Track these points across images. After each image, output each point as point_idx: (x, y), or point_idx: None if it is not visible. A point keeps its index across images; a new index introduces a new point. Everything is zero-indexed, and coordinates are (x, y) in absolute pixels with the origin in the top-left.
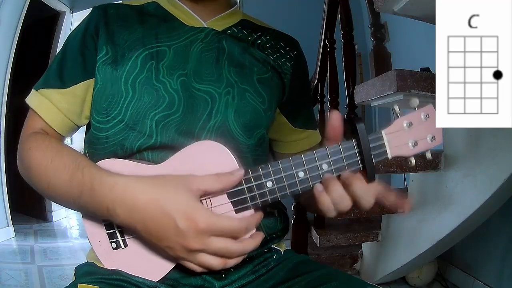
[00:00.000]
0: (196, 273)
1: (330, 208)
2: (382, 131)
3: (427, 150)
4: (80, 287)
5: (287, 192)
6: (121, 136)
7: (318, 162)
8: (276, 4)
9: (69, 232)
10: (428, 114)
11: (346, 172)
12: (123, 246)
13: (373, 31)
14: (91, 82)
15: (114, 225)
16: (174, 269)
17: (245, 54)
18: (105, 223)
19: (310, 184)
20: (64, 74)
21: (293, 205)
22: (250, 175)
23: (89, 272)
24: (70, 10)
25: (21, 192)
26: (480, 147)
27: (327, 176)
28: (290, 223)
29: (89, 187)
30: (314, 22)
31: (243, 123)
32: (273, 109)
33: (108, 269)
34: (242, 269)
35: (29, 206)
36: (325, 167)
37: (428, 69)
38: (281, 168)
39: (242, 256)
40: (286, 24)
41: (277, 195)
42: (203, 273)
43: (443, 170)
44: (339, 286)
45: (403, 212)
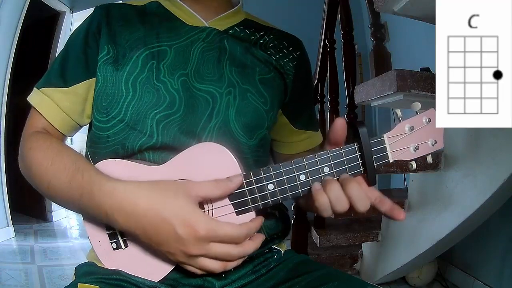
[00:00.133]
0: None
1: (326, 207)
2: (384, 135)
3: (428, 154)
4: (80, 286)
5: (288, 194)
6: (122, 135)
7: (320, 165)
8: (276, 4)
9: (69, 232)
10: (429, 118)
11: (347, 175)
12: (123, 247)
13: (373, 31)
14: (93, 81)
15: None
16: (174, 269)
17: (247, 54)
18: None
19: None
20: (66, 73)
21: (293, 205)
22: (252, 177)
23: (89, 272)
24: (70, 10)
25: (21, 192)
26: (480, 147)
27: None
28: (291, 223)
29: (88, 191)
30: (314, 22)
31: (244, 124)
32: (275, 110)
33: (108, 269)
34: (242, 269)
35: (29, 206)
36: (326, 170)
37: (428, 69)
38: (282, 171)
39: (243, 258)
40: (286, 24)
41: (278, 198)
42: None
43: (443, 170)
44: (339, 286)
45: (400, 219)
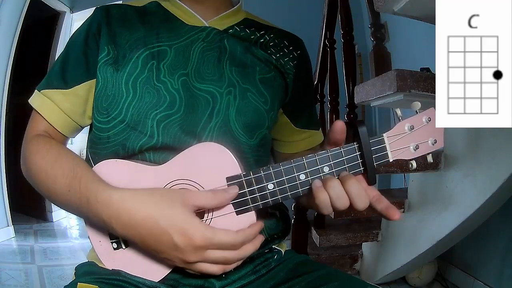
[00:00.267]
0: (196, 273)
1: (326, 204)
2: (384, 134)
3: (428, 153)
4: (80, 286)
5: (288, 194)
6: (123, 136)
7: (320, 165)
8: (276, 4)
9: (69, 232)
10: (429, 118)
11: (347, 172)
12: (123, 246)
13: (373, 31)
14: (93, 82)
15: None
16: (174, 270)
17: (247, 54)
18: None
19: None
20: (66, 75)
21: (293, 205)
22: (252, 177)
23: (89, 272)
24: (70, 10)
25: (21, 192)
26: (480, 147)
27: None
28: (291, 223)
29: (85, 200)
30: (314, 22)
31: (245, 123)
32: (275, 110)
33: (108, 269)
34: (242, 269)
35: (29, 206)
36: (326, 170)
37: (428, 69)
38: (282, 171)
39: (242, 260)
40: (286, 24)
41: (278, 197)
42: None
43: (443, 170)
44: (339, 286)
45: (394, 219)
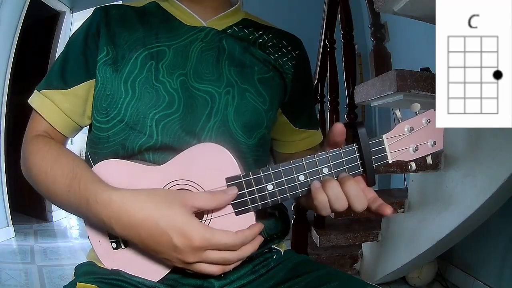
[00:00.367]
0: (195, 273)
1: (325, 205)
2: (383, 136)
3: (427, 155)
4: (79, 286)
5: (288, 195)
6: (122, 136)
7: (319, 166)
8: (276, 4)
9: (69, 232)
10: (429, 119)
11: (345, 173)
12: (123, 246)
13: (373, 31)
14: (92, 83)
15: None
16: (173, 269)
17: (245, 54)
18: None
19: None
20: (66, 75)
21: (293, 205)
22: (251, 177)
23: (88, 272)
24: (70, 10)
25: (21, 192)
26: (480, 147)
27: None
28: (291, 223)
29: (85, 200)
30: (314, 22)
31: (243, 123)
32: (274, 110)
33: (107, 269)
34: (241, 269)
35: (29, 206)
36: (325, 171)
37: (428, 69)
38: (281, 171)
39: (241, 260)
40: (286, 24)
41: (278, 198)
42: None
43: (443, 170)
44: (339, 286)
45: (386, 214)
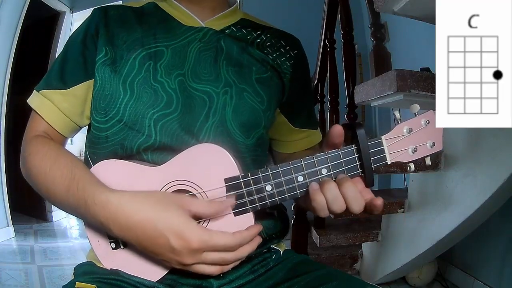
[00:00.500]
0: (194, 273)
1: (323, 207)
2: (382, 137)
3: (426, 156)
4: (78, 285)
5: (286, 196)
6: (121, 135)
7: (318, 167)
8: (276, 4)
9: (69, 232)
10: (428, 120)
11: (343, 174)
12: (122, 246)
13: (373, 31)
14: (91, 83)
15: None
16: (172, 269)
17: (243, 54)
18: None
19: None
20: (65, 75)
21: (293, 205)
22: (250, 178)
23: (88, 272)
24: (70, 10)
25: (21, 192)
26: (480, 147)
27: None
28: (290, 223)
29: (83, 202)
30: (314, 22)
31: (241, 123)
32: (272, 109)
33: (107, 269)
34: (240, 269)
35: (29, 206)
36: (324, 172)
37: (428, 69)
38: (280, 172)
39: (239, 261)
40: (286, 24)
41: (276, 199)
42: None
43: (443, 170)
44: (339, 286)
45: (378, 204)
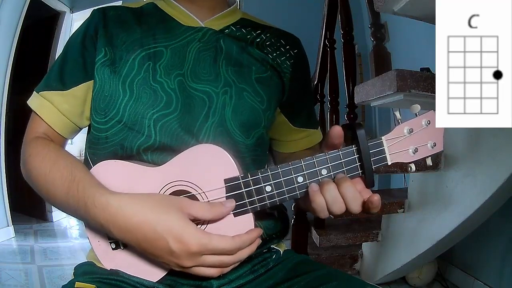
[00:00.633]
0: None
1: (323, 208)
2: (382, 137)
3: (427, 156)
4: (78, 285)
5: (286, 196)
6: (121, 136)
7: (318, 168)
8: (276, 4)
9: (69, 232)
10: (429, 121)
11: (342, 174)
12: (122, 246)
13: (373, 31)
14: (91, 84)
15: None
16: (172, 269)
17: (243, 53)
18: None
19: None
20: (64, 76)
21: (293, 205)
22: (249, 179)
23: (87, 272)
24: (70, 10)
25: (21, 192)
26: (480, 147)
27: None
28: (290, 223)
29: (83, 204)
30: (314, 22)
31: (241, 123)
32: (272, 109)
33: (106, 269)
34: (240, 269)
35: (29, 206)
36: (324, 173)
37: (428, 69)
38: (280, 173)
39: (239, 263)
40: (286, 24)
41: (276, 200)
42: None
43: (443, 170)
44: (339, 286)
45: (374, 199)
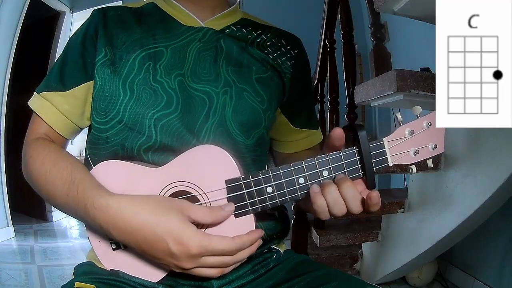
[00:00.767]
0: None
1: (324, 210)
2: (384, 139)
3: (428, 158)
4: (77, 285)
5: (287, 198)
6: (121, 136)
7: (319, 169)
8: (276, 4)
9: (69, 232)
10: (430, 122)
11: (342, 174)
12: (122, 247)
13: (373, 31)
14: (91, 84)
15: None
16: (172, 270)
17: (243, 53)
18: None
19: None
20: (65, 77)
21: (293, 205)
22: (251, 180)
23: (87, 272)
24: (70, 10)
25: (21, 192)
26: (480, 147)
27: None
28: (290, 223)
29: (83, 205)
30: (314, 22)
31: (241, 123)
32: (272, 109)
33: (107, 269)
34: (241, 269)
35: (29, 206)
36: (325, 174)
37: (428, 69)
38: (281, 174)
39: (239, 262)
40: (286, 24)
41: (277, 201)
42: None
43: (443, 170)
44: (339, 286)
45: (373, 195)
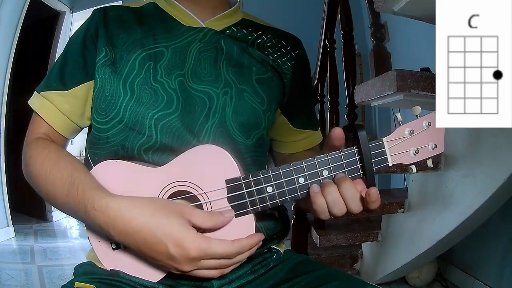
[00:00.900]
0: None
1: (324, 210)
2: (383, 139)
3: (428, 158)
4: (77, 285)
5: (287, 197)
6: (121, 136)
7: (319, 168)
8: (276, 4)
9: (69, 232)
10: (430, 122)
11: (342, 174)
12: (122, 247)
13: (373, 31)
14: (91, 84)
15: None
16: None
17: (244, 54)
18: None
19: None
20: (65, 76)
21: (293, 205)
22: (251, 180)
23: (87, 272)
24: (70, 10)
25: (21, 192)
26: (480, 147)
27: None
28: (290, 223)
29: (83, 206)
30: (314, 22)
31: (241, 123)
32: (272, 110)
33: (107, 269)
34: (241, 269)
35: (29, 206)
36: (325, 174)
37: (428, 69)
38: (281, 174)
39: (239, 263)
40: (286, 24)
41: (277, 200)
42: None
43: (443, 170)
44: (339, 286)
45: (372, 192)
